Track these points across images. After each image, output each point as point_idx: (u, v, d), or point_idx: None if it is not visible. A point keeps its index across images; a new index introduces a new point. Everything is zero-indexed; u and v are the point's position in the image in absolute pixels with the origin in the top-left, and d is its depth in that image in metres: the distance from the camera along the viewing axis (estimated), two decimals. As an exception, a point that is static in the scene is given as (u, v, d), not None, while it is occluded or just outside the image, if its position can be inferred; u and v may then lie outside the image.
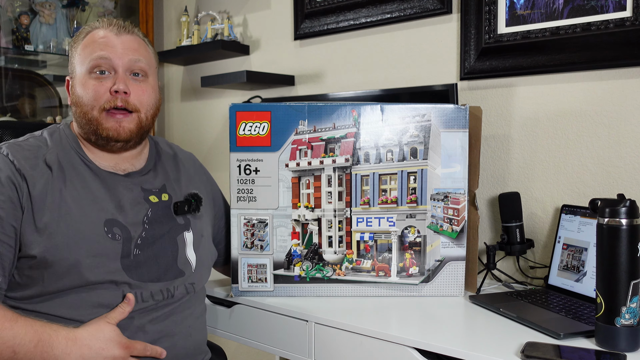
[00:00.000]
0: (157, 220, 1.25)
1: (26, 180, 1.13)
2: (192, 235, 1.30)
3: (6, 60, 2.47)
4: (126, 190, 1.24)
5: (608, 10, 1.47)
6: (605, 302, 1.07)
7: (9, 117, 2.41)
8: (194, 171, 1.43)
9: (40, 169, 1.16)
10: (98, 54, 1.19)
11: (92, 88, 1.19)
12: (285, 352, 1.38)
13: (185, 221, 1.31)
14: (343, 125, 1.41)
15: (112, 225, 1.18)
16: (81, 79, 1.21)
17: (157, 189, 1.29)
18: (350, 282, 1.44)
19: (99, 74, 1.20)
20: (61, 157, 1.20)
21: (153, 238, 1.23)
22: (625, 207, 1.06)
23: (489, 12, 1.66)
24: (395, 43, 1.90)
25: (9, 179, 1.12)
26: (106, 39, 1.21)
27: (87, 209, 1.17)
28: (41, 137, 1.24)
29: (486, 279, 1.57)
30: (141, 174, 1.29)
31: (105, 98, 1.19)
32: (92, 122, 1.20)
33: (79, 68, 1.22)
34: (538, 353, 1.04)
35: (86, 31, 1.24)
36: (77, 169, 1.21)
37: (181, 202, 1.30)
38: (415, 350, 1.15)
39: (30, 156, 1.17)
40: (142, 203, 1.25)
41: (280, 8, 2.23)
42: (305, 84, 2.16)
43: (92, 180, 1.21)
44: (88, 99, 1.19)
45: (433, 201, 1.42)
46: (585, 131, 1.54)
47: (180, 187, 1.34)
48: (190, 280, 1.28)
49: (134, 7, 2.67)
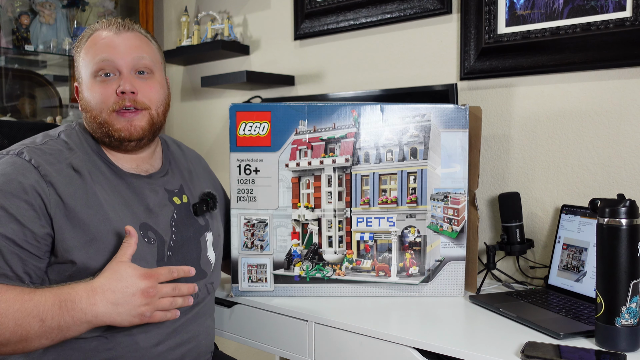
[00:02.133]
0: (182, 222, 1.25)
1: (53, 186, 1.09)
2: (212, 236, 1.32)
3: (6, 60, 2.47)
4: (152, 193, 1.23)
5: (608, 10, 1.47)
6: (605, 302, 1.07)
7: (9, 117, 2.41)
8: (202, 169, 1.43)
9: (66, 173, 1.12)
10: (100, 56, 1.18)
11: (98, 92, 1.17)
12: (285, 352, 1.38)
13: (205, 222, 1.31)
14: (343, 125, 1.41)
15: (147, 229, 1.18)
16: (87, 83, 1.19)
17: (177, 189, 1.29)
18: (350, 282, 1.44)
19: (103, 77, 1.18)
20: (86, 162, 1.17)
21: (182, 241, 1.24)
22: (625, 207, 1.06)
23: (489, 12, 1.66)
24: (395, 43, 1.90)
25: (33, 188, 1.07)
26: (107, 40, 1.19)
27: (122, 214, 1.15)
28: (59, 139, 1.19)
29: (486, 279, 1.57)
30: (161, 174, 1.28)
31: (112, 100, 1.17)
32: (103, 125, 1.18)
33: (84, 72, 1.20)
34: (538, 353, 1.04)
35: (87, 34, 1.22)
36: (103, 173, 1.18)
37: (199, 203, 1.30)
38: (415, 350, 1.15)
39: (53, 161, 1.12)
40: (167, 205, 1.24)
41: (280, 8, 2.23)
42: (305, 84, 2.16)
43: (119, 184, 1.19)
44: (96, 103, 1.18)
45: (433, 201, 1.42)
46: (585, 131, 1.54)
47: (194, 187, 1.34)
48: (210, 280, 1.30)
49: (134, 7, 2.67)
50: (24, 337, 0.99)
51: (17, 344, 1.00)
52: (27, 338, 1.00)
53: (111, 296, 1.03)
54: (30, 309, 0.99)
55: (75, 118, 2.53)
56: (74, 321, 1.02)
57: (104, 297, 1.03)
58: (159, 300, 1.07)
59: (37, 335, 1.00)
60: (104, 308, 1.03)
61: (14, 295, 1.00)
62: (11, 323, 0.98)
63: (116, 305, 1.03)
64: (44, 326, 1.00)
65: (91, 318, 1.02)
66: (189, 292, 1.12)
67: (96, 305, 1.02)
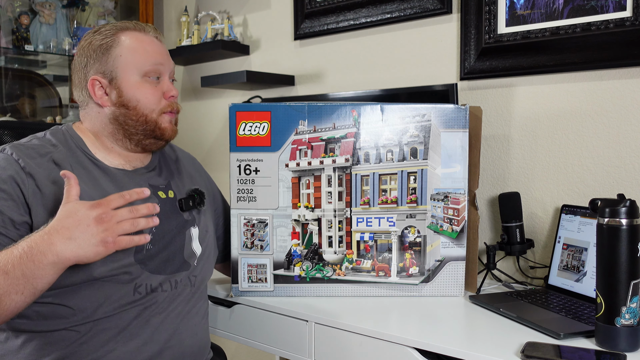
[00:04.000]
0: (165, 215, 1.26)
1: (33, 177, 1.13)
2: (198, 231, 1.33)
3: (6, 60, 2.47)
4: (135, 186, 1.23)
5: (608, 10, 1.47)
6: (605, 302, 1.07)
7: (9, 117, 2.41)
8: (194, 170, 1.44)
9: (47, 166, 1.16)
10: (156, 59, 1.25)
11: (150, 93, 1.25)
12: (285, 352, 1.38)
13: (192, 217, 1.32)
14: (343, 125, 1.41)
15: None
16: (134, 82, 1.24)
17: (163, 185, 1.31)
18: (350, 282, 1.44)
19: (154, 79, 1.26)
20: (69, 157, 1.21)
21: (163, 233, 1.25)
22: (625, 207, 1.06)
23: (489, 12, 1.66)
24: (395, 43, 1.90)
25: (12, 177, 1.12)
26: (155, 45, 1.27)
27: None
28: (44, 137, 1.24)
29: (486, 279, 1.57)
30: (147, 169, 1.31)
31: (164, 102, 1.27)
32: (150, 123, 1.25)
33: (129, 70, 1.23)
34: (538, 353, 1.04)
35: (119, 31, 1.24)
36: (86, 167, 1.22)
37: (185, 198, 1.32)
38: (415, 350, 1.15)
39: (35, 155, 1.17)
40: (151, 198, 1.25)
41: (280, 8, 2.23)
42: (305, 84, 2.16)
43: (101, 177, 1.22)
44: (147, 102, 1.24)
45: (433, 201, 1.42)
46: (585, 131, 1.54)
47: (183, 184, 1.36)
48: (194, 272, 1.30)
49: (134, 7, 2.67)
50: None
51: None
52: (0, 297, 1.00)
53: (66, 232, 1.02)
54: None
55: (75, 118, 2.53)
56: (36, 265, 1.01)
57: (59, 235, 1.02)
58: (117, 224, 1.04)
59: (5, 291, 1.00)
60: (62, 245, 1.02)
61: None
62: None
63: (74, 239, 1.02)
64: (9, 278, 1.00)
65: (53, 258, 1.01)
66: (149, 211, 1.08)
67: (54, 245, 1.01)
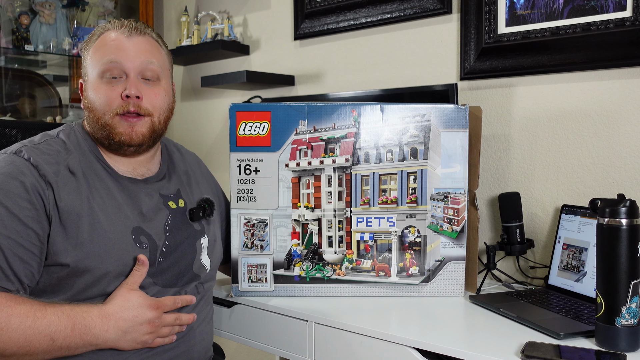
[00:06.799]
0: (176, 227, 1.25)
1: (52, 187, 1.10)
2: (207, 241, 1.32)
3: (6, 60, 2.47)
4: (147, 197, 1.23)
5: (608, 10, 1.47)
6: (605, 302, 1.07)
7: (9, 117, 2.41)
8: (200, 173, 1.43)
9: (63, 175, 1.12)
10: (109, 57, 1.17)
11: (103, 93, 1.17)
12: (285, 352, 1.38)
13: (201, 227, 1.31)
14: (343, 125, 1.41)
15: (139, 234, 1.18)
16: (93, 83, 1.19)
17: (173, 194, 1.29)
18: (350, 282, 1.44)
19: (110, 79, 1.18)
20: (82, 163, 1.17)
21: (175, 245, 1.24)
22: (625, 207, 1.06)
23: (489, 12, 1.66)
24: (395, 43, 1.90)
25: (34, 187, 1.08)
26: (117, 42, 1.19)
27: (114, 218, 1.16)
28: (58, 139, 1.20)
29: (486, 279, 1.57)
30: (157, 178, 1.28)
31: (117, 103, 1.17)
32: (105, 127, 1.18)
33: (90, 72, 1.20)
34: (538, 353, 1.04)
35: (98, 33, 1.22)
36: (99, 175, 1.18)
37: (196, 208, 1.31)
38: (415, 350, 1.15)
39: (51, 161, 1.13)
40: (162, 209, 1.24)
41: (280, 8, 2.23)
42: (305, 84, 2.16)
43: (114, 187, 1.19)
44: (100, 104, 1.18)
45: (433, 201, 1.42)
46: (585, 131, 1.54)
47: (192, 191, 1.34)
48: (201, 281, 1.30)
49: (134, 7, 2.67)
50: (31, 352, 1.02)
51: (21, 357, 1.03)
52: (33, 353, 1.03)
53: (122, 324, 1.10)
54: (42, 327, 1.02)
55: (75, 118, 2.53)
56: (84, 344, 1.07)
57: (115, 325, 1.09)
58: (161, 329, 1.16)
59: (43, 352, 1.03)
60: (114, 335, 1.09)
61: (26, 310, 1.02)
62: (22, 339, 1.01)
63: (125, 332, 1.10)
64: (53, 345, 1.03)
65: (100, 342, 1.08)
66: (188, 322, 1.21)
67: (108, 332, 1.08)
